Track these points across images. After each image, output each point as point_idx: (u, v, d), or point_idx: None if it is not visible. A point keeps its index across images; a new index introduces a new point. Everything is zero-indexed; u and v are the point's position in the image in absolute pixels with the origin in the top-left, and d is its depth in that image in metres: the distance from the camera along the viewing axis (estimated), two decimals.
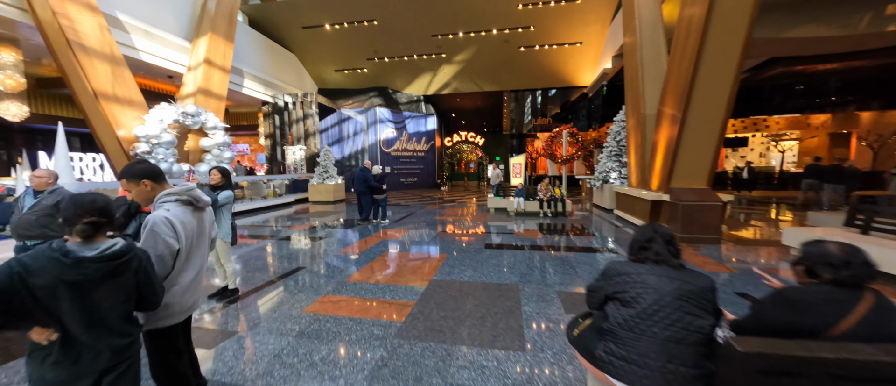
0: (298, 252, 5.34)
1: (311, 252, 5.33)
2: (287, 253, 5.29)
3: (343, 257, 4.94)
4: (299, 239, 6.39)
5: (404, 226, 7.59)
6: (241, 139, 21.67)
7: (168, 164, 8.60)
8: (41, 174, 3.36)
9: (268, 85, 15.00)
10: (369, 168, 7.84)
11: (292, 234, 6.89)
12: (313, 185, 12.80)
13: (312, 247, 5.66)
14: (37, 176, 3.34)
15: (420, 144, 18.90)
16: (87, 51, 7.50)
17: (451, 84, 18.20)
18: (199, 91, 10.41)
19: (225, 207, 3.35)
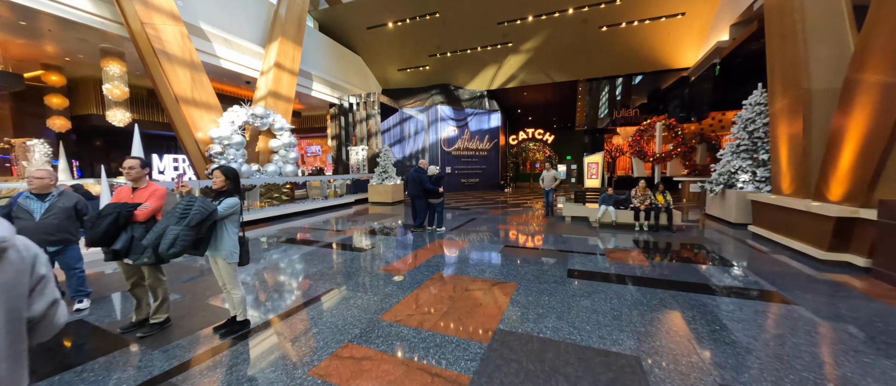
0: (336, 267, 4.58)
1: (350, 268, 4.53)
2: (323, 267, 4.58)
3: (385, 278, 4.01)
4: (342, 248, 5.71)
5: (463, 236, 6.49)
6: (313, 141, 23.05)
7: (238, 165, 8.87)
8: (42, 175, 3.04)
9: (335, 87, 15.33)
10: (424, 168, 6.93)
11: (337, 240, 6.30)
12: (372, 186, 12.52)
13: (353, 261, 4.88)
14: (38, 178, 3.02)
15: (482, 143, 17.70)
16: (170, 58, 7.98)
17: (517, 76, 16.63)
18: (270, 94, 10.75)
19: (230, 218, 2.63)
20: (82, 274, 3.40)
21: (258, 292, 3.69)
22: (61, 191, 3.25)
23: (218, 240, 2.60)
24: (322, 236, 6.63)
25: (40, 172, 3.13)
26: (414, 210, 7.02)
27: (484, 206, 11.28)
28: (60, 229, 3.13)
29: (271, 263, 4.86)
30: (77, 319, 3.05)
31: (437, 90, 17.43)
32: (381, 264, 4.62)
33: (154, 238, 2.32)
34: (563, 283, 3.78)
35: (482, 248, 5.52)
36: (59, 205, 3.17)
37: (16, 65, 10.11)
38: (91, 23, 7.49)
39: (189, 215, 2.34)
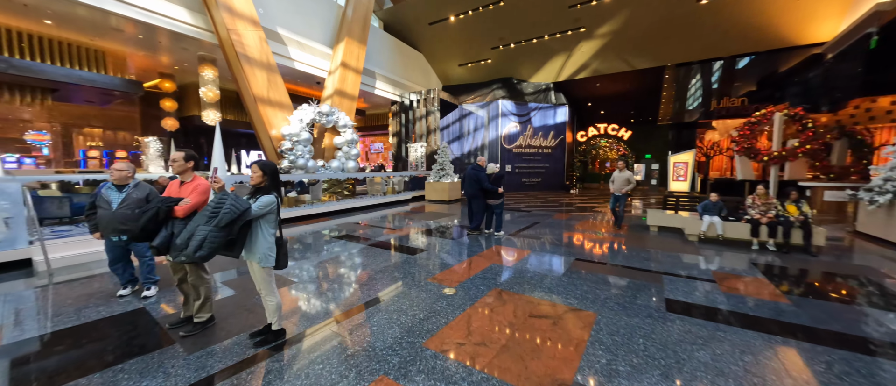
0: (383, 270, 4.25)
1: (398, 272, 4.16)
2: (370, 270, 4.28)
3: (434, 291, 3.54)
4: (393, 248, 5.41)
5: (524, 243, 5.75)
6: (376, 138, 23.96)
7: (304, 160, 9.30)
8: (122, 168, 3.17)
9: (396, 85, 15.54)
10: (483, 166, 6.33)
11: (389, 239, 6.05)
12: (429, 184, 12.31)
13: (402, 264, 4.51)
14: (118, 170, 3.14)
15: (547, 140, 16.40)
16: (250, 60, 8.63)
17: (589, 65, 14.99)
18: (336, 92, 11.16)
19: (265, 218, 2.38)
20: (152, 262, 3.55)
21: (301, 294, 3.51)
22: (137, 182, 3.40)
23: (252, 241, 2.37)
24: (375, 234, 6.47)
25: (120, 164, 3.29)
26: (470, 211, 6.48)
27: (547, 208, 10.26)
28: (133, 219, 3.27)
29: (321, 260, 4.75)
30: (139, 308, 3.15)
31: (498, 84, 16.61)
32: (431, 271, 4.18)
33: (186, 238, 2.15)
34: (661, 319, 2.88)
35: (548, 259, 4.74)
36: (134, 196, 3.31)
37: (140, 74, 12.05)
38: (190, 33, 8.41)
39: (219, 215, 2.11)
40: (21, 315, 3.01)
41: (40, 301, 3.35)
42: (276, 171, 2.47)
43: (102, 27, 8.37)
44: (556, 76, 16.03)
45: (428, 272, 4.14)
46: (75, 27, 8.45)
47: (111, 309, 3.13)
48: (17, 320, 2.89)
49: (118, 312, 3.08)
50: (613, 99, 18.06)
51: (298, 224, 7.58)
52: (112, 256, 3.37)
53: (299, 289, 3.65)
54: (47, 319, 2.93)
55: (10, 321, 2.88)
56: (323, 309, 3.12)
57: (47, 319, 2.93)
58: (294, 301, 3.32)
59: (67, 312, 3.05)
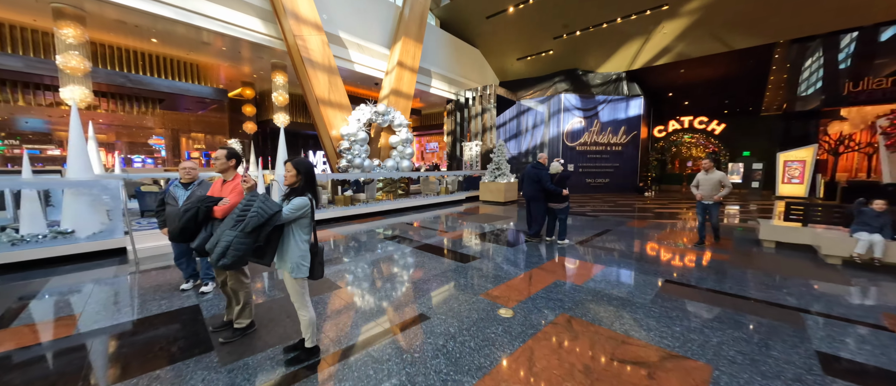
0: (431, 281, 3.86)
1: (447, 282, 3.73)
2: (417, 278, 3.92)
3: (488, 311, 3.03)
4: (443, 253, 5.01)
5: (594, 255, 4.93)
6: (431, 137, 24.09)
7: (360, 159, 9.46)
8: (188, 166, 3.26)
9: (452, 82, 15.27)
10: (544, 164, 5.61)
11: (440, 242, 5.66)
12: (484, 184, 11.76)
13: (452, 273, 4.08)
14: (185, 168, 3.23)
15: (617, 136, 14.70)
16: (313, 64, 9.00)
17: (673, 49, 13.00)
18: (392, 92, 11.22)
19: (298, 222, 2.11)
20: None
21: (343, 303, 3.27)
22: (201, 181, 3.49)
23: (284, 248, 2.12)
24: (427, 236, 6.16)
25: (187, 164, 3.41)
26: (529, 215, 5.81)
27: (619, 213, 9.01)
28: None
29: (369, 262, 4.54)
30: (195, 305, 3.19)
31: (561, 77, 15.36)
32: (484, 284, 3.67)
33: (213, 243, 1.97)
34: (818, 384, 1.99)
35: (627, 279, 3.91)
36: (197, 193, 3.40)
37: (227, 83, 13.53)
38: (263, 41, 9.05)
39: (245, 219, 1.88)
40: (93, 305, 3.23)
41: (116, 290, 3.61)
42: (312, 171, 2.20)
43: (194, 42, 9.45)
44: (630, 64, 14.25)
45: (481, 285, 3.64)
46: (175, 43, 9.68)
47: (170, 303, 3.21)
48: (86, 311, 3.09)
49: (176, 306, 3.14)
50: (702, 87, 15.52)
51: (352, 222, 7.64)
52: (177, 252, 3.50)
53: (341, 297, 3.43)
54: (112, 310, 3.09)
55: (82, 310, 3.08)
56: (362, 324, 2.82)
57: (112, 310, 3.09)
58: (335, 309, 3.09)
59: (132, 304, 3.20)
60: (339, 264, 4.48)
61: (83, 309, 3.09)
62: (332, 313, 3.01)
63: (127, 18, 7.91)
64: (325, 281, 3.79)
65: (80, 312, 3.01)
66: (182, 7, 7.49)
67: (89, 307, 3.13)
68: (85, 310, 3.07)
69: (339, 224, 7.44)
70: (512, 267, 4.32)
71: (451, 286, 3.62)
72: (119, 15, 7.64)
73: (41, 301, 3.29)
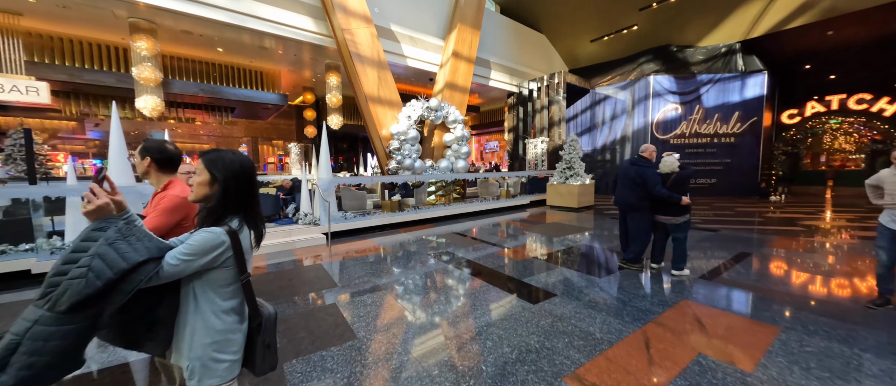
0: (482, 339, 2.60)
1: (508, 347, 2.44)
2: (464, 340, 2.70)
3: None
4: (502, 284, 3.70)
5: (745, 301, 3.16)
6: (491, 136, 22.66)
7: (411, 160, 8.60)
8: (187, 170, 2.65)
9: (514, 73, 13.73)
10: (650, 160, 3.93)
11: (500, 264, 4.34)
12: (553, 186, 10.03)
13: (514, 329, 2.78)
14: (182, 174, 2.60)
15: (727, 124, 11.60)
16: (362, 59, 8.40)
17: (816, 3, 9.65)
18: (446, 86, 10.22)
19: (206, 280, 1.07)
20: None
21: (352, 370, 2.20)
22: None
23: (181, 328, 1.09)
24: (483, 254, 4.90)
25: (187, 167, 2.74)
26: (624, 230, 4.17)
27: (744, 226, 6.62)
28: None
29: (399, 298, 3.46)
30: None
31: (648, 56, 12.74)
32: (568, 354, 2.29)
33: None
34: None
35: (839, 362, 2.16)
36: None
37: (290, 89, 14.00)
38: (314, 40, 8.77)
39: (58, 284, 0.87)
40: None
41: None
42: (246, 176, 1.15)
43: (255, 48, 9.63)
44: (747, 31, 11.09)
45: (563, 356, 2.27)
46: (239, 51, 10.02)
47: None
48: None
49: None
50: (860, 53, 11.47)
51: (399, 231, 6.75)
52: None
53: (348, 359, 2.37)
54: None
55: None
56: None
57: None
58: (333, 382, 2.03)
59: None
60: (358, 294, 3.49)
61: None
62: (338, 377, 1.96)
63: (192, 29, 8.20)
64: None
65: None
66: (237, 11, 7.44)
67: None
68: None
69: (383, 233, 6.61)
70: (609, 317, 2.83)
71: (514, 355, 2.31)
72: (185, 25, 7.93)
73: None
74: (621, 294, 3.33)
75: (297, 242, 5.58)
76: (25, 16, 7.09)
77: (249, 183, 1.18)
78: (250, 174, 1.19)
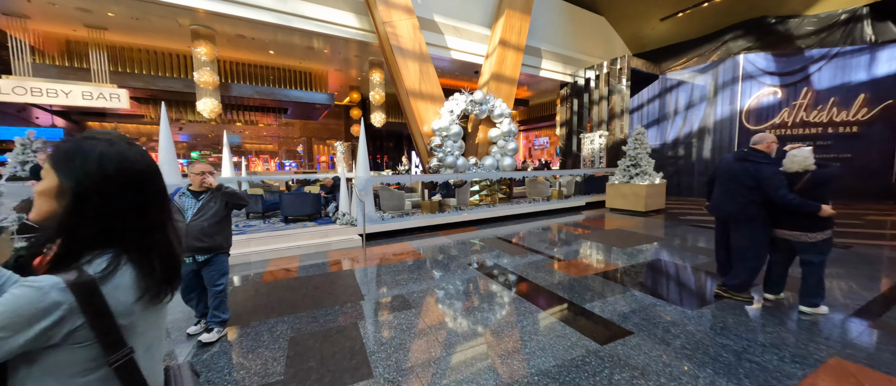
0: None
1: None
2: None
3: None
4: (556, 310, 2.98)
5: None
6: (541, 132, 21.29)
7: (453, 158, 8.06)
8: (200, 169, 2.60)
9: (567, 61, 12.49)
10: (768, 154, 2.90)
11: (552, 281, 3.59)
12: (614, 186, 8.80)
13: (584, 376, 2.05)
14: (196, 172, 2.46)
15: (848, 110, 9.24)
16: (403, 52, 8.05)
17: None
18: (493, 77, 9.49)
19: (49, 358, 0.59)
20: (223, 293, 2.63)
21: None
22: (217, 188, 2.56)
23: None
24: (531, 265, 4.17)
25: (200, 165, 2.52)
26: (723, 247, 3.17)
27: (888, 241, 4.98)
28: (210, 233, 2.47)
29: (430, 318, 2.92)
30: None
31: (736, 32, 10.72)
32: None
33: None
34: None
35: None
36: (212, 205, 2.50)
37: (337, 89, 14.30)
38: (357, 37, 8.64)
39: None
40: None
41: None
42: (124, 177, 0.68)
43: (303, 49, 9.81)
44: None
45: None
46: (288, 53, 10.32)
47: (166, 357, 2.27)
48: None
49: None
50: None
51: (437, 234, 6.25)
52: (184, 283, 2.60)
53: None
54: None
55: None
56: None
57: None
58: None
59: None
60: (384, 312, 3.01)
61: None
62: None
63: (246, 32, 8.53)
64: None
65: None
66: (284, 11, 7.52)
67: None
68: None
69: (421, 235, 6.16)
70: (719, 378, 1.99)
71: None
72: (239, 29, 8.25)
73: None
74: (728, 338, 2.42)
75: (333, 243, 5.35)
76: (109, 30, 7.90)
77: (133, 191, 0.70)
78: (133, 177, 0.70)
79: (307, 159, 20.99)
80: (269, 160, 23.25)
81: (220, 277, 2.62)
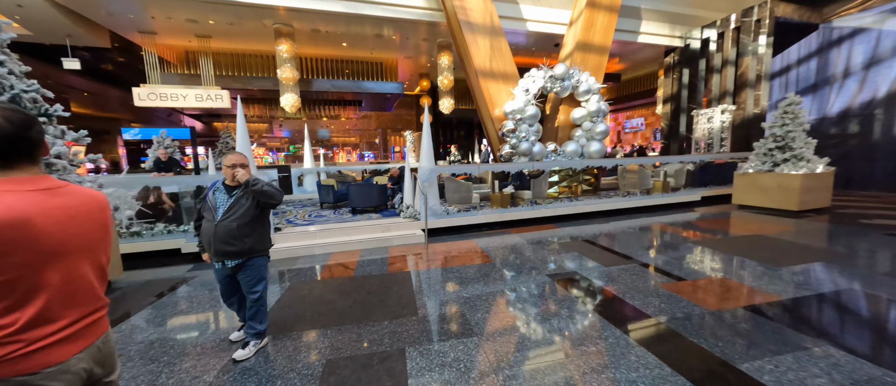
0: None
1: None
2: None
3: None
4: (667, 353, 1.95)
5: None
6: (634, 112, 18.28)
7: (528, 144, 7.06)
8: (234, 161, 2.11)
9: (677, 20, 10.10)
10: None
11: (659, 306, 2.52)
12: (746, 176, 6.71)
13: None
14: (229, 165, 2.03)
15: None
16: (472, 27, 7.26)
17: None
18: (577, 47, 8.06)
19: None
20: (261, 301, 2.33)
21: None
22: (248, 182, 2.24)
23: None
24: (627, 281, 3.12)
25: (234, 157, 2.20)
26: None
27: None
28: (240, 236, 2.15)
29: (488, 367, 2.19)
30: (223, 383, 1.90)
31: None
32: None
33: None
34: None
35: None
36: (243, 202, 2.17)
37: (410, 79, 14.21)
38: (424, 17, 8.16)
39: None
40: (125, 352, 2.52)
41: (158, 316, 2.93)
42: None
43: (373, 38, 9.77)
44: None
45: None
46: (360, 44, 10.42)
47: (192, 370, 2.08)
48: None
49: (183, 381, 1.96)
50: None
51: (509, 232, 5.45)
52: (222, 288, 2.38)
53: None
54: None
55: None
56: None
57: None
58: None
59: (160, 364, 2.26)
60: (438, 338, 2.40)
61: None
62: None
63: (321, 26, 8.75)
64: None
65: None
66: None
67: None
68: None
69: (490, 232, 5.44)
70: None
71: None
72: (316, 23, 8.49)
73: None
74: None
75: (394, 238, 5.01)
76: (213, 37, 8.91)
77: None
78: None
79: (383, 150, 21.90)
80: (352, 152, 24.92)
81: (257, 283, 2.30)
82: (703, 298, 2.81)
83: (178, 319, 2.86)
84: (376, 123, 20.63)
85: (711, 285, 3.10)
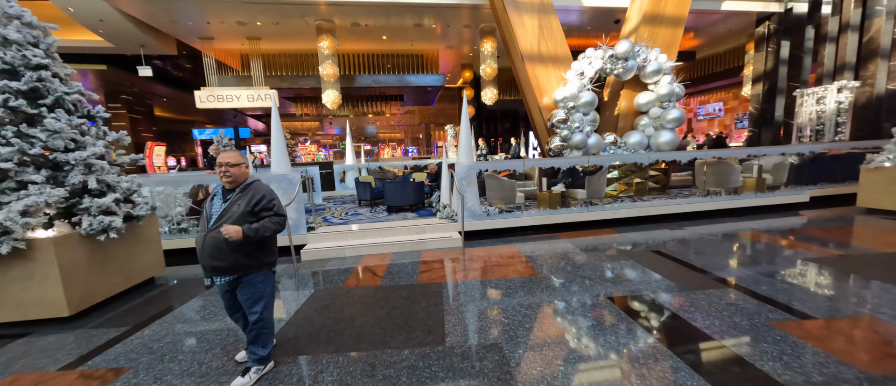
0: None
1: None
2: None
3: None
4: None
5: None
6: (711, 96, 15.82)
7: (582, 135, 6.17)
8: (228, 159, 1.92)
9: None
10: None
11: (774, 355, 1.72)
12: (880, 171, 5.16)
13: None
14: (224, 165, 1.81)
15: None
16: (517, 6, 6.54)
17: None
18: (645, 20, 6.92)
19: None
20: (264, 322, 2.04)
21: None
22: (247, 184, 1.96)
23: None
24: (722, 315, 2.33)
25: (230, 155, 1.91)
26: None
27: None
28: (228, 249, 1.86)
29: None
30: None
31: None
32: None
33: None
34: None
35: None
36: (235, 209, 1.88)
37: (452, 70, 13.71)
38: (465, 1, 7.59)
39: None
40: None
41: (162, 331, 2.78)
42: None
43: (412, 29, 9.42)
44: None
45: None
46: (400, 36, 10.15)
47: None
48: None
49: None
50: None
51: (558, 236, 4.75)
52: (224, 303, 2.14)
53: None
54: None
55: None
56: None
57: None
58: None
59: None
60: (464, 379, 1.91)
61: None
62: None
63: (361, 19, 8.61)
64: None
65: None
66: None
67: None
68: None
69: (536, 236, 4.79)
70: None
71: None
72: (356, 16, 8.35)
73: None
74: None
75: (429, 241, 4.60)
76: (262, 39, 9.25)
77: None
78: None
79: (426, 145, 21.78)
80: (396, 147, 25.26)
81: (255, 303, 1.98)
82: (849, 352, 1.96)
83: (190, 327, 2.72)
84: (419, 118, 20.55)
85: (857, 329, 2.19)
